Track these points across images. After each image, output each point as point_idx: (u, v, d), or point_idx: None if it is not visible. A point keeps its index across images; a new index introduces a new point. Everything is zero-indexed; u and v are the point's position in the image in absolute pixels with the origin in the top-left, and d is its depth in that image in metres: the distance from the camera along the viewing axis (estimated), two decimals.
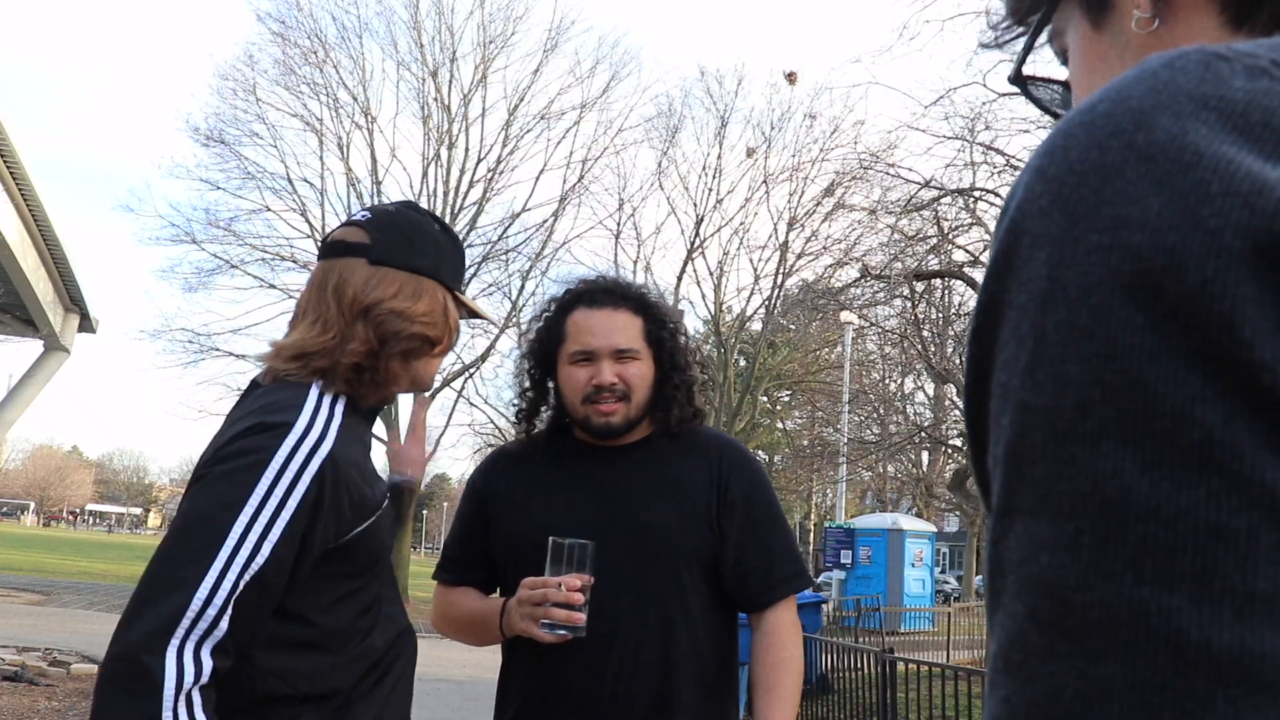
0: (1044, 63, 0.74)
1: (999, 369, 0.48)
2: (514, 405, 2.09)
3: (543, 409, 2.06)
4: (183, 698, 1.29)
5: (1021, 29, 0.72)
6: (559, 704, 1.89)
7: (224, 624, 1.34)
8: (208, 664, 1.33)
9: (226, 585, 1.34)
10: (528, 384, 2.06)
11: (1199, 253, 0.42)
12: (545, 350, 2.03)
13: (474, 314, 1.76)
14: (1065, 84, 0.75)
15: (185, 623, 1.32)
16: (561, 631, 1.80)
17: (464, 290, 1.73)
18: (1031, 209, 0.47)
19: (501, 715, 1.99)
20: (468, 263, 1.86)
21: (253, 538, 1.37)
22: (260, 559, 1.37)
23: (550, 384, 2.05)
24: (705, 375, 2.11)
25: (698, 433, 2.05)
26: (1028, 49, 0.71)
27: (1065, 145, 0.47)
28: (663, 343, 1.99)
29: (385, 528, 1.61)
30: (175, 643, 1.31)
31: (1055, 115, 0.78)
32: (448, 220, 25.10)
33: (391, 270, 1.61)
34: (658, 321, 1.99)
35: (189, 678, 1.30)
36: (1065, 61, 0.70)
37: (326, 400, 1.55)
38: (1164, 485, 0.42)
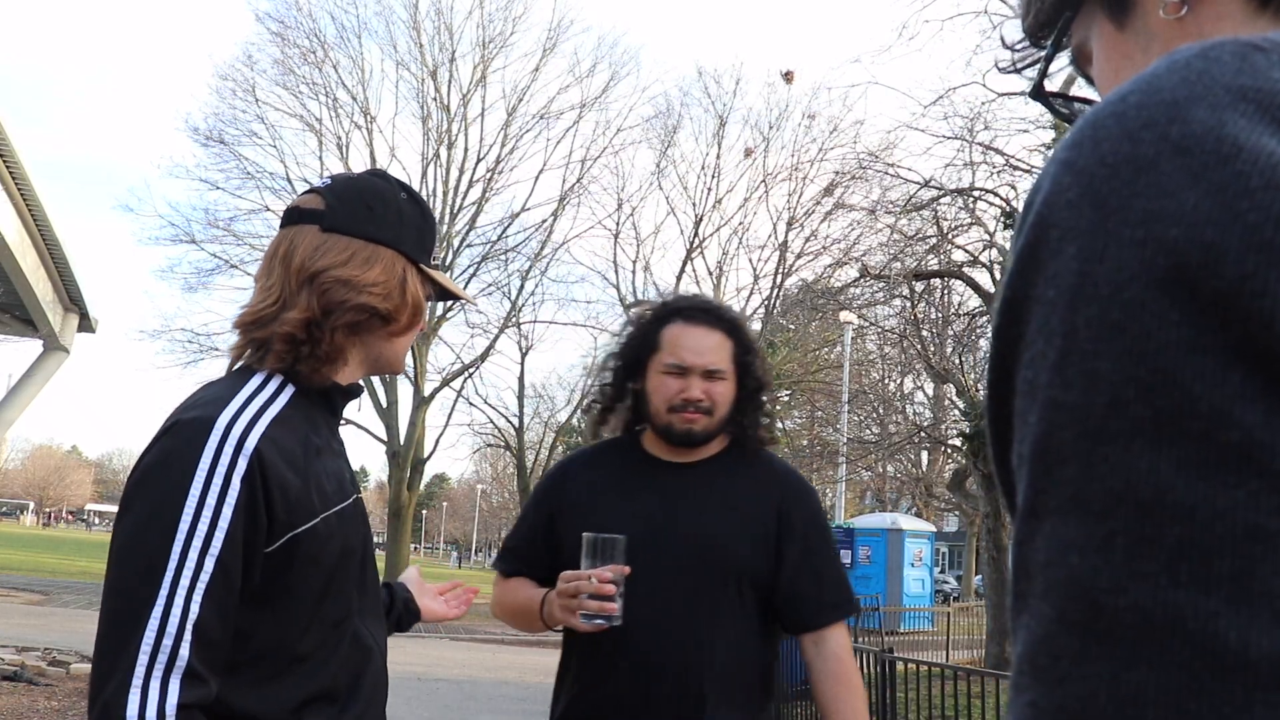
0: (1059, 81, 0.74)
1: (1024, 366, 0.47)
2: (592, 402, 2.24)
3: (619, 407, 2.18)
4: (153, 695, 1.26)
5: (1040, 50, 0.71)
6: (602, 701, 2.00)
7: (184, 651, 1.28)
8: (174, 696, 1.27)
9: (176, 612, 1.28)
10: (610, 381, 2.18)
11: (1238, 247, 0.41)
12: (636, 356, 2.14)
13: (447, 293, 1.66)
14: (1084, 100, 0.74)
15: (143, 659, 1.26)
16: (599, 620, 1.90)
17: (437, 264, 1.63)
18: (1059, 202, 0.46)
19: (555, 708, 2.11)
20: (468, 262, 1.83)
21: (193, 557, 1.30)
22: (206, 576, 1.30)
23: (630, 386, 2.17)
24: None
25: (764, 458, 2.17)
26: (1048, 60, 0.70)
27: (1095, 137, 0.46)
28: (748, 366, 2.11)
29: (339, 534, 1.47)
30: (138, 683, 1.26)
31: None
32: (447, 220, 25.02)
33: (344, 237, 1.51)
34: (745, 346, 2.12)
35: (152, 714, 1.25)
36: (1090, 79, 0.69)
37: (268, 390, 1.46)
38: (1201, 485, 0.41)
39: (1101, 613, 0.42)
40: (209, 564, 1.31)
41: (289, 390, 1.48)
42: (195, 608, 1.29)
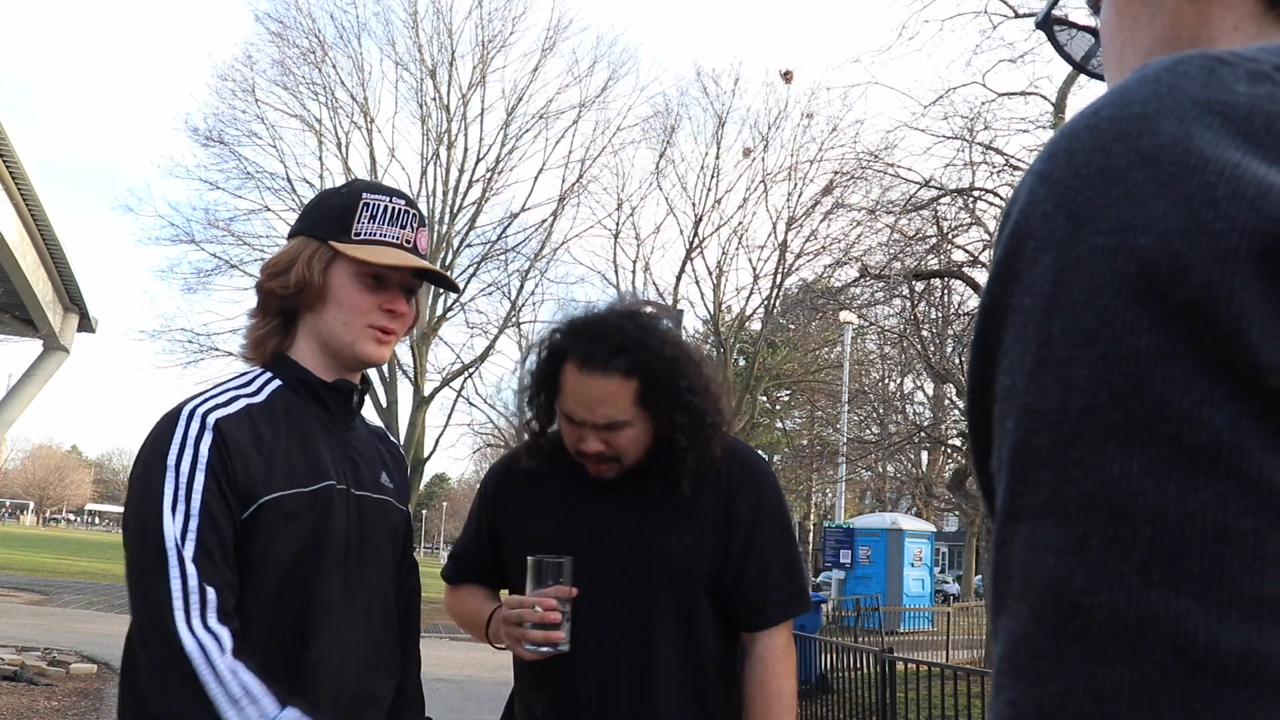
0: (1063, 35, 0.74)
1: (1003, 373, 0.48)
2: (525, 424, 2.00)
3: (549, 429, 1.99)
4: (217, 669, 1.42)
5: None
6: (560, 714, 1.90)
7: (210, 592, 1.45)
8: (224, 631, 1.44)
9: (189, 558, 1.45)
10: (531, 415, 1.96)
11: (1205, 255, 0.42)
12: (544, 392, 1.93)
13: (372, 264, 1.66)
14: (1093, 31, 0.75)
15: (178, 603, 1.43)
16: (544, 649, 1.81)
17: (365, 238, 1.67)
18: (1035, 213, 0.47)
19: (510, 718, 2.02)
20: (468, 262, 1.86)
21: (177, 522, 1.47)
22: (194, 526, 1.47)
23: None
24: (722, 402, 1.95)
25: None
26: None
27: (1069, 149, 0.47)
28: (658, 406, 1.85)
29: (309, 512, 1.57)
30: (180, 620, 1.43)
31: (1081, 68, 0.78)
32: (447, 220, 25.00)
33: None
34: (653, 381, 1.82)
35: (213, 649, 1.42)
36: (1097, 10, 0.69)
37: (254, 385, 1.65)
38: (1171, 488, 0.42)
39: (1077, 612, 0.43)
40: (195, 512, 1.48)
41: (273, 385, 1.66)
42: (197, 554, 1.46)
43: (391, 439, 1.91)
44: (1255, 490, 0.41)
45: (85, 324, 14.21)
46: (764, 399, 29.17)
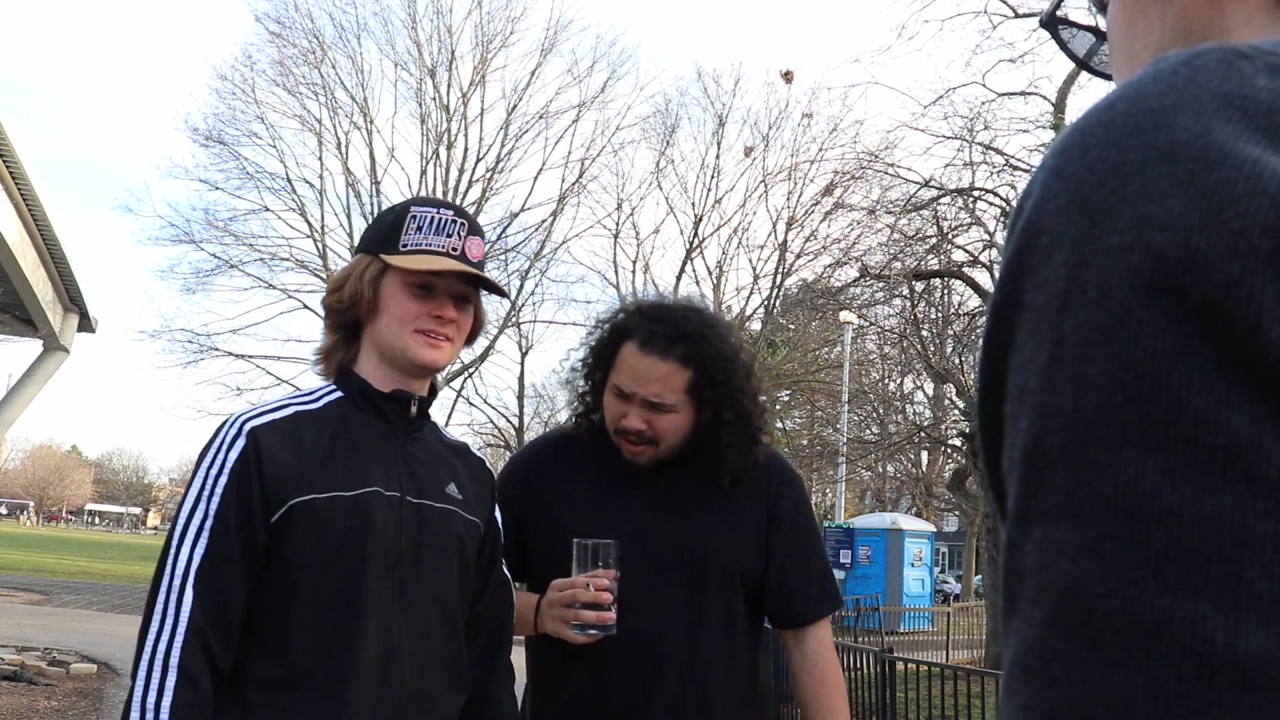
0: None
1: (1015, 371, 0.47)
2: (572, 404, 2.07)
3: (599, 410, 2.03)
4: (159, 656, 1.51)
5: None
6: (599, 707, 1.90)
7: (189, 595, 1.53)
8: (183, 625, 1.52)
9: (181, 562, 1.55)
10: (586, 390, 2.04)
11: (1224, 253, 0.41)
12: (599, 366, 2.00)
13: (415, 272, 1.71)
14: (1098, 32, 0.74)
15: (162, 594, 1.54)
16: (592, 631, 1.81)
17: (411, 249, 1.71)
18: (1049, 208, 0.46)
19: (537, 714, 2.00)
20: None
21: (196, 518, 1.57)
22: (205, 535, 1.56)
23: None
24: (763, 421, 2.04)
25: None
26: None
27: (1083, 144, 0.47)
28: (705, 400, 1.91)
29: (348, 516, 1.62)
30: (159, 607, 1.54)
31: (1086, 66, 0.77)
32: None
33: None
34: (708, 376, 1.89)
35: (164, 639, 1.51)
36: (1103, 9, 0.68)
37: (312, 395, 1.73)
38: (1188, 490, 0.41)
39: (1092, 616, 0.42)
40: (208, 524, 1.57)
41: (332, 396, 1.74)
42: (199, 561, 1.56)
43: (474, 454, 1.91)
44: (1274, 493, 0.40)
45: (85, 324, 14.20)
46: (764, 399, 29.13)
